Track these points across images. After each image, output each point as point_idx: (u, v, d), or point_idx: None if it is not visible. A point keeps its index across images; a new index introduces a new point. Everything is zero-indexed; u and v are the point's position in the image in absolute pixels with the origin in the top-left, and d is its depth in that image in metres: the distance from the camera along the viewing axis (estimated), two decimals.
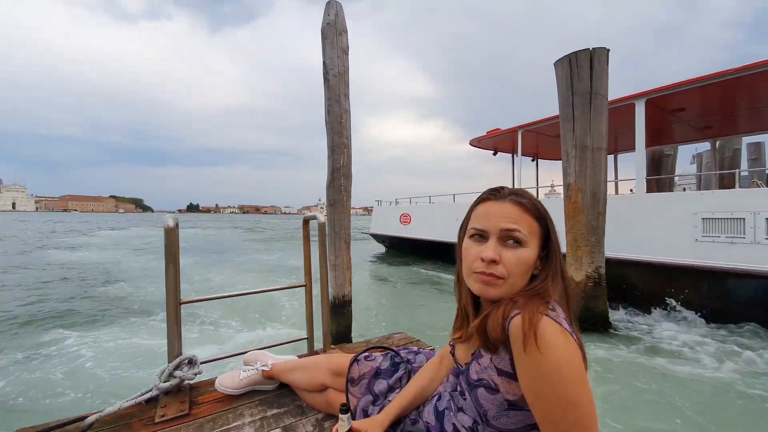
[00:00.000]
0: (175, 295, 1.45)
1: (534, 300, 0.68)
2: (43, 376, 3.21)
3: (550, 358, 0.61)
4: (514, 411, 0.70)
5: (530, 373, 0.63)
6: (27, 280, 7.79)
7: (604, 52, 3.97)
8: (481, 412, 0.74)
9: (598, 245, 4.16)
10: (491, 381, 0.72)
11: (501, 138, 8.59)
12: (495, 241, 0.72)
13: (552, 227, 0.76)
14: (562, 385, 0.60)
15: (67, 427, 1.21)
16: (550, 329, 0.63)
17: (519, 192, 0.77)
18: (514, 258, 0.71)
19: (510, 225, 0.72)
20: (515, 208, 0.73)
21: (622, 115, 5.74)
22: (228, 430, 1.20)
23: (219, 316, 4.99)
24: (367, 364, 1.16)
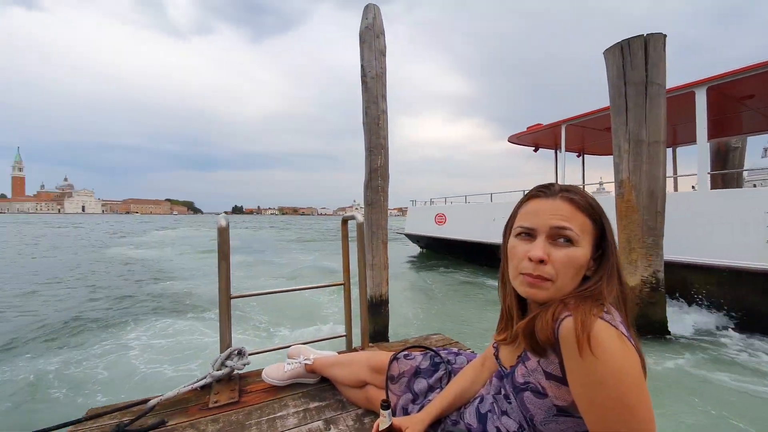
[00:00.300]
0: (226, 290, 1.56)
1: (587, 302, 0.64)
2: (111, 363, 3.58)
3: (606, 363, 0.57)
4: (563, 417, 0.67)
5: (584, 379, 0.59)
6: (99, 278, 8.74)
7: (661, 38, 3.64)
8: (528, 416, 0.71)
9: (656, 247, 3.83)
10: (539, 385, 0.69)
11: (542, 133, 8.19)
12: (544, 240, 0.69)
13: (608, 226, 0.71)
14: (618, 392, 0.56)
15: (132, 408, 1.34)
16: (606, 333, 0.59)
17: (571, 188, 0.73)
18: (564, 257, 0.67)
19: (561, 222, 0.68)
20: (567, 205, 0.69)
21: (681, 105, 5.24)
22: (274, 418, 1.26)
23: (263, 314, 5.26)
24: (406, 362, 1.16)
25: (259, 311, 5.29)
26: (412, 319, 5.17)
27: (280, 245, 19.24)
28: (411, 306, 5.89)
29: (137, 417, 1.25)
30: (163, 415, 1.28)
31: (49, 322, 4.91)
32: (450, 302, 6.23)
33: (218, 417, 1.28)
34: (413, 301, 6.33)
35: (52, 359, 3.62)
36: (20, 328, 4.67)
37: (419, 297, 6.65)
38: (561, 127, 7.29)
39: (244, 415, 1.29)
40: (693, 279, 4.68)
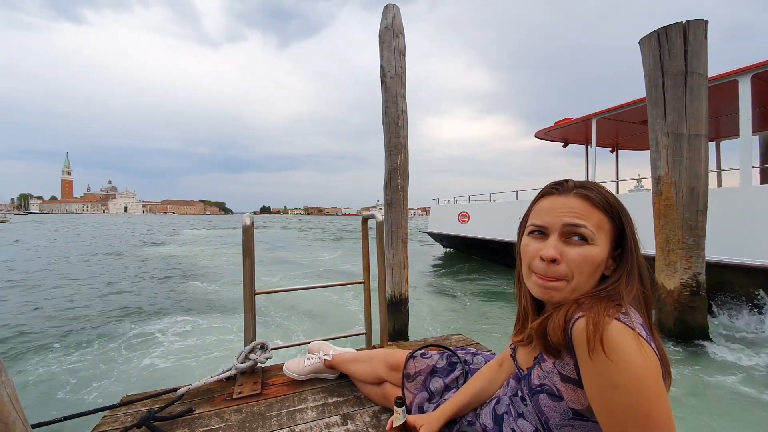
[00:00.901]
0: (251, 286, 1.61)
1: (602, 302, 0.61)
2: (142, 354, 3.81)
3: (621, 367, 0.54)
4: (579, 421, 0.64)
5: (597, 381, 0.57)
6: (134, 273, 9.30)
7: (701, 24, 3.39)
8: (543, 419, 0.69)
9: (697, 248, 3.57)
10: (554, 387, 0.67)
11: (572, 128, 7.83)
12: (557, 238, 0.66)
13: (628, 222, 0.67)
14: (634, 398, 0.53)
15: (162, 396, 1.42)
16: (620, 334, 0.56)
17: (586, 184, 0.69)
18: (579, 256, 0.63)
19: (574, 220, 0.64)
20: (581, 202, 0.66)
21: (725, 96, 4.87)
22: (293, 411, 1.30)
23: (286, 311, 5.40)
24: (423, 361, 1.15)
25: (280, 312, 5.44)
26: (432, 319, 5.12)
27: (303, 243, 19.65)
28: (432, 306, 5.84)
29: (167, 404, 1.32)
30: (191, 403, 1.35)
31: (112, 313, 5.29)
32: (472, 303, 6.12)
33: (241, 407, 1.33)
34: (434, 301, 6.28)
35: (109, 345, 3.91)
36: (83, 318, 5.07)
37: (440, 297, 6.58)
38: (592, 120, 6.93)
39: (266, 407, 1.33)
40: (735, 281, 4.35)
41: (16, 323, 4.83)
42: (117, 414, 1.30)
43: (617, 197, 0.68)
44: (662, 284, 3.79)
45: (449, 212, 11.64)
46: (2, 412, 0.89)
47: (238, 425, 1.21)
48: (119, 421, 1.26)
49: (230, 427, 1.21)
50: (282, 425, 1.21)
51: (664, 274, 3.76)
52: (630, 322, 0.58)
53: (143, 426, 1.18)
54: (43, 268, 9.92)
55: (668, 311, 3.74)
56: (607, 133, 7.88)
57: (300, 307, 5.50)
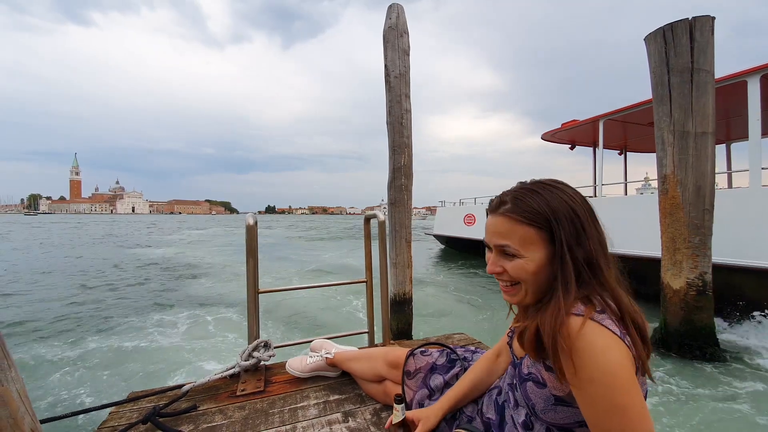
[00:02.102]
0: (254, 285, 1.63)
1: (550, 308, 0.66)
2: (150, 351, 3.86)
3: (593, 362, 0.59)
4: (561, 407, 0.69)
5: (576, 376, 0.61)
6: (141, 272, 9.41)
7: (708, 21, 3.35)
8: (530, 405, 0.74)
9: (703, 247, 3.53)
10: (539, 375, 0.72)
11: (579, 130, 7.71)
12: (496, 254, 0.73)
13: (560, 227, 0.67)
14: (609, 390, 0.58)
15: (168, 392, 1.44)
16: (592, 333, 0.60)
17: (511, 199, 0.71)
18: (513, 268, 0.70)
19: (499, 241, 0.71)
20: (504, 221, 0.71)
21: (734, 97, 4.79)
22: (295, 408, 1.31)
23: (289, 311, 5.43)
24: (423, 358, 1.17)
25: (284, 309, 5.47)
26: (437, 318, 5.12)
27: (306, 244, 19.72)
28: (436, 305, 5.84)
29: (172, 401, 1.34)
30: (195, 400, 1.37)
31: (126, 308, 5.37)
32: (477, 302, 6.10)
33: (245, 404, 1.34)
34: (439, 300, 6.27)
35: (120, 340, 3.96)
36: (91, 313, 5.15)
37: (445, 296, 6.57)
38: (599, 122, 6.82)
39: (269, 404, 1.34)
40: (742, 284, 4.30)
41: (24, 319, 4.93)
42: (123, 410, 1.33)
43: (557, 200, 0.68)
44: (668, 284, 3.75)
45: (455, 214, 11.59)
46: (11, 408, 0.92)
47: (241, 422, 1.23)
48: (125, 417, 1.28)
49: (234, 423, 1.22)
50: (284, 422, 1.23)
51: (670, 274, 3.72)
52: (602, 320, 0.62)
53: (149, 422, 1.20)
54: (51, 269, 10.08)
55: (674, 311, 3.70)
56: (614, 134, 7.78)
57: (303, 307, 5.53)
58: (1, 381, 0.88)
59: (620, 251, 5.57)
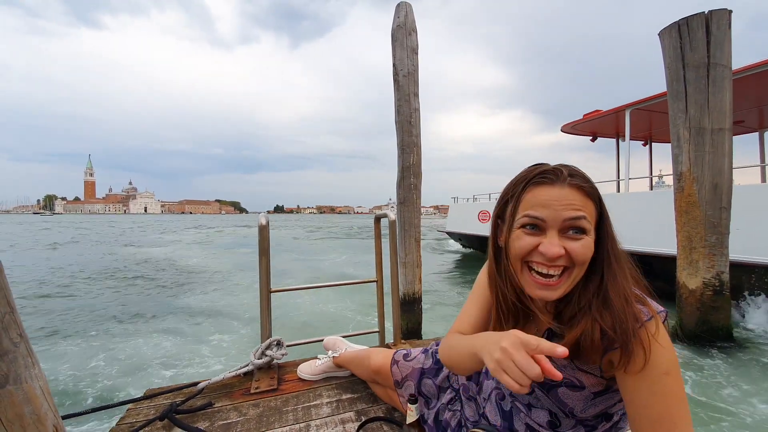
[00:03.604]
0: (266, 285, 1.65)
1: (612, 305, 0.61)
2: (163, 349, 3.93)
3: (668, 353, 0.59)
4: (600, 398, 0.68)
5: (651, 373, 0.59)
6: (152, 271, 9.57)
7: (725, 14, 3.26)
8: (567, 410, 0.71)
9: (720, 246, 3.45)
10: (574, 379, 0.68)
11: (602, 120, 7.42)
12: (556, 234, 0.62)
13: (604, 207, 0.66)
14: (679, 380, 0.59)
15: (183, 390, 1.47)
16: (660, 326, 0.60)
17: (577, 172, 0.65)
18: (581, 247, 0.61)
19: (574, 213, 0.61)
20: (577, 193, 0.62)
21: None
22: (309, 407, 1.32)
23: (302, 310, 5.47)
24: (407, 364, 1.12)
25: (296, 308, 5.52)
26: (446, 317, 5.11)
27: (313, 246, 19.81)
28: (448, 304, 5.82)
29: (188, 398, 1.36)
30: (211, 397, 1.39)
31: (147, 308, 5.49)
32: None
33: (259, 402, 1.36)
34: (450, 299, 6.25)
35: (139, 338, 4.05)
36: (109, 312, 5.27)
37: (454, 295, 6.55)
38: (625, 112, 6.55)
39: (282, 402, 1.36)
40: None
41: (47, 317, 5.06)
42: (140, 407, 1.36)
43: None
44: (684, 283, 3.67)
45: (469, 211, 11.44)
46: (35, 404, 0.94)
47: (256, 419, 1.25)
48: (142, 414, 1.31)
49: (248, 421, 1.24)
50: (298, 420, 1.24)
51: (686, 273, 3.64)
52: (657, 307, 0.62)
53: (166, 419, 1.23)
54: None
55: (690, 311, 3.63)
56: (640, 125, 7.51)
57: (317, 306, 5.58)
58: (25, 378, 0.91)
59: (650, 250, 5.23)
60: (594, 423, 0.72)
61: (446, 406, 1.00)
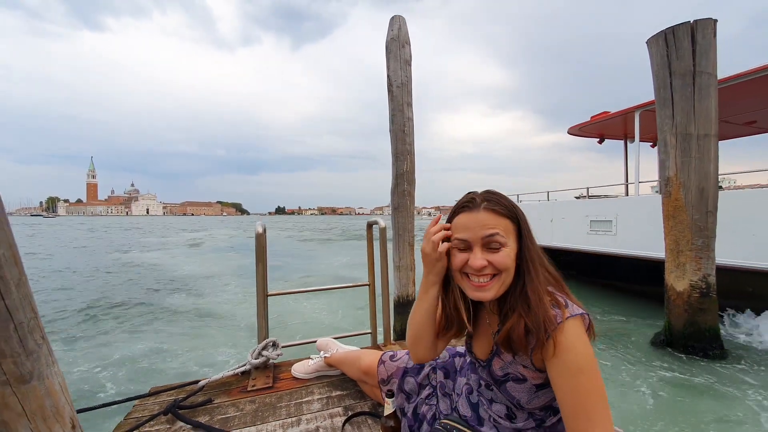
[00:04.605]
0: (263, 289, 1.76)
1: (533, 307, 0.72)
2: (167, 349, 4.05)
3: (580, 353, 0.69)
4: (541, 391, 0.79)
5: (564, 369, 0.69)
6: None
7: (710, 23, 3.36)
8: (515, 402, 0.81)
9: (707, 249, 3.54)
10: (518, 374, 0.80)
11: (610, 122, 7.33)
12: (480, 250, 0.77)
13: (523, 220, 0.80)
14: (594, 376, 0.68)
15: (185, 387, 1.58)
16: (574, 327, 0.70)
17: (490, 197, 0.80)
18: (501, 257, 0.75)
19: (489, 231, 0.76)
20: (490, 215, 0.77)
21: None
22: (301, 403, 1.43)
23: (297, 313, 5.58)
24: (392, 364, 1.24)
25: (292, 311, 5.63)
26: None
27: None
28: None
29: (189, 395, 1.47)
30: (210, 394, 1.50)
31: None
32: None
33: (255, 399, 1.47)
34: None
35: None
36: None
37: None
38: (634, 113, 6.45)
39: (277, 399, 1.47)
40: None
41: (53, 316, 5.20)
42: (146, 403, 1.47)
43: (512, 201, 0.81)
44: (672, 286, 3.77)
45: None
46: (55, 398, 1.05)
47: (252, 414, 1.36)
48: (148, 409, 1.42)
49: (245, 415, 1.35)
50: (291, 414, 1.35)
51: (674, 276, 3.74)
52: (573, 309, 0.72)
53: (169, 413, 1.34)
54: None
55: (678, 313, 3.72)
56: (649, 126, 7.48)
57: (311, 309, 5.69)
58: (47, 375, 1.02)
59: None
60: (542, 416, 0.83)
61: (424, 401, 1.11)
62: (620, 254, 6.00)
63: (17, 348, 0.93)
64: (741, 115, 6.53)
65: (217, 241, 22.24)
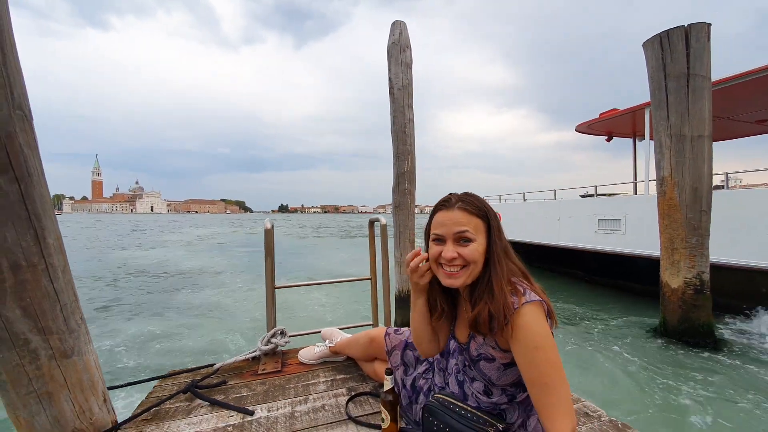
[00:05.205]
0: (271, 281, 1.88)
1: (495, 295, 0.85)
2: (187, 334, 4.24)
3: (536, 332, 0.80)
4: (508, 369, 0.91)
5: (524, 345, 0.81)
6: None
7: (704, 27, 3.45)
8: (487, 378, 0.94)
9: (701, 247, 3.64)
10: (488, 354, 0.92)
11: (618, 120, 7.21)
12: (452, 243, 0.90)
13: (493, 219, 0.92)
14: (551, 352, 0.80)
15: (201, 370, 1.71)
16: (531, 311, 0.81)
17: (465, 198, 0.92)
18: (468, 252, 0.88)
19: (460, 228, 0.88)
20: (463, 214, 0.89)
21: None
22: (307, 384, 1.56)
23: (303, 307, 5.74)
24: (396, 337, 1.38)
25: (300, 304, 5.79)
26: None
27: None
28: None
29: (205, 377, 1.60)
30: (225, 376, 1.63)
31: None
32: None
33: (265, 381, 1.60)
34: None
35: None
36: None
37: None
38: (645, 110, 6.29)
39: (285, 381, 1.59)
40: None
41: None
42: (166, 383, 1.60)
43: (485, 201, 0.93)
44: (666, 283, 3.87)
45: None
46: (90, 373, 1.19)
47: (263, 394, 1.48)
48: (167, 389, 1.55)
49: (257, 395, 1.48)
50: (299, 395, 1.47)
51: (668, 273, 3.84)
52: (530, 296, 0.83)
53: (188, 392, 1.47)
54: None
55: (672, 309, 3.82)
56: None
57: (316, 302, 5.85)
58: (84, 352, 1.16)
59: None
60: (513, 392, 0.95)
61: (422, 375, 1.24)
62: (629, 253, 5.96)
63: (62, 326, 1.07)
64: (752, 113, 6.46)
65: (220, 238, 22.51)
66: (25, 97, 0.96)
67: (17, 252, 0.91)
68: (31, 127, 0.97)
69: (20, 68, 0.96)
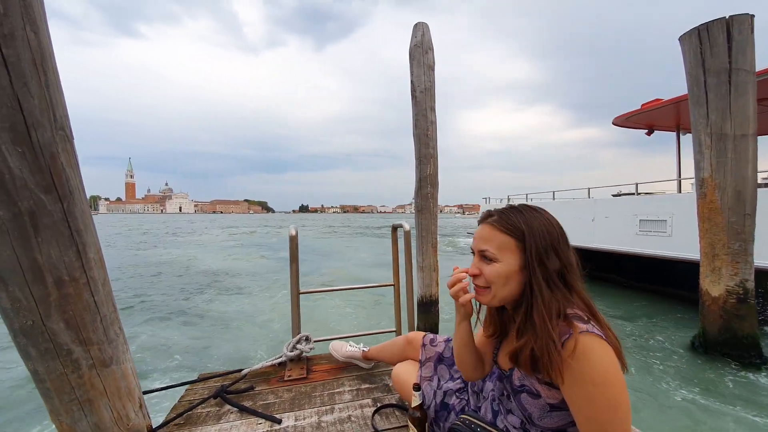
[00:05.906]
0: (296, 287, 1.90)
1: (538, 329, 0.73)
2: (215, 339, 4.36)
3: (595, 367, 0.67)
4: (555, 412, 0.78)
5: (578, 380, 0.69)
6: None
7: (747, 19, 3.21)
8: (526, 414, 0.83)
9: (744, 254, 3.40)
10: (533, 388, 0.80)
11: (662, 111, 6.66)
12: (477, 259, 0.83)
13: (530, 239, 0.77)
14: (608, 390, 0.66)
15: (229, 375, 1.75)
16: (589, 342, 0.68)
17: (503, 212, 0.84)
18: (489, 271, 0.80)
19: (481, 245, 0.82)
20: (488, 229, 0.83)
21: None
22: (333, 393, 1.56)
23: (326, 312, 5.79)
24: (432, 349, 1.34)
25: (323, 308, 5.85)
26: None
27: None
28: None
29: (234, 382, 1.64)
30: (252, 382, 1.66)
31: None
32: None
33: (291, 388, 1.61)
34: None
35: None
36: None
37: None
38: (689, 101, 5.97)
39: (311, 389, 1.60)
40: None
41: None
42: (196, 388, 1.65)
43: (536, 220, 0.80)
44: (706, 291, 3.64)
45: None
46: (128, 380, 1.23)
47: (290, 401, 1.50)
48: (198, 393, 1.59)
49: (284, 402, 1.49)
50: (324, 403, 1.48)
51: (709, 281, 3.61)
52: (591, 329, 0.70)
53: (218, 397, 1.50)
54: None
55: (713, 319, 3.60)
56: None
57: (340, 306, 5.91)
58: (122, 360, 1.20)
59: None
60: None
61: (454, 392, 1.19)
62: (676, 257, 5.51)
63: (102, 337, 1.11)
64: None
65: (244, 238, 23.15)
66: (67, 118, 1.00)
67: (61, 268, 0.96)
68: (72, 146, 1.01)
69: (62, 89, 1.00)
